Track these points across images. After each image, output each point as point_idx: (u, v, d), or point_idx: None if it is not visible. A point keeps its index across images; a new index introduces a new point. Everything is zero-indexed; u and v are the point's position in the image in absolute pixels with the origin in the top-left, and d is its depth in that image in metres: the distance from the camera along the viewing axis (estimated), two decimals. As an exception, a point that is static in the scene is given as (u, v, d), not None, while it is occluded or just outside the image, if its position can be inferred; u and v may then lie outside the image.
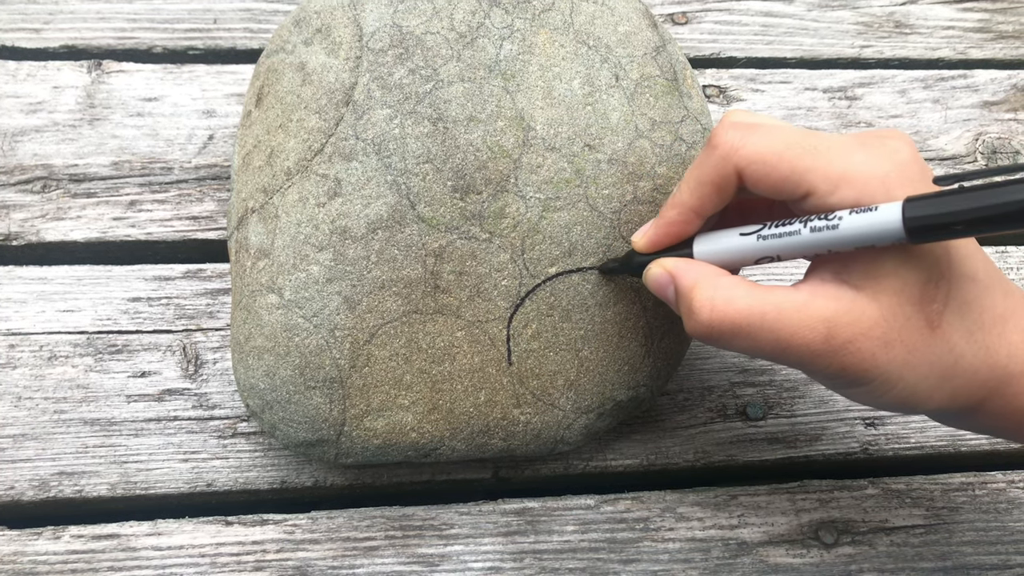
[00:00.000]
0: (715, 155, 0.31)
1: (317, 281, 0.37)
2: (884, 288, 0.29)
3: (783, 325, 0.29)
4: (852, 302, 0.29)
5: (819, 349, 0.29)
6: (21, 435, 0.43)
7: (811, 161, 0.29)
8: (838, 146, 0.30)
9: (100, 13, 0.53)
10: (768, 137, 0.31)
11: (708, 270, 0.32)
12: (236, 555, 0.41)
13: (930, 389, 0.30)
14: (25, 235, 0.47)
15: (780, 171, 0.30)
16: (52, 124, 0.49)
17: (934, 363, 0.30)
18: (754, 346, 0.30)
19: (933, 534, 0.45)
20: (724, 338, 0.31)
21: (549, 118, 0.39)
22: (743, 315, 0.30)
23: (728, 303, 0.30)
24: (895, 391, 0.30)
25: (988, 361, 0.30)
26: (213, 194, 0.48)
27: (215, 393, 0.44)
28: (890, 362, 0.29)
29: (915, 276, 0.29)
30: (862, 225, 0.28)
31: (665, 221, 0.34)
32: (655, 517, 0.44)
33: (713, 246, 0.33)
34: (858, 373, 0.29)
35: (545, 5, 0.41)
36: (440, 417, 0.39)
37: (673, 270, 0.33)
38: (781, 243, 0.31)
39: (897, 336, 0.29)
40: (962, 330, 0.30)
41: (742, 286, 0.31)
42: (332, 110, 0.39)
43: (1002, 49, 0.59)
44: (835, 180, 0.29)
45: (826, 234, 0.29)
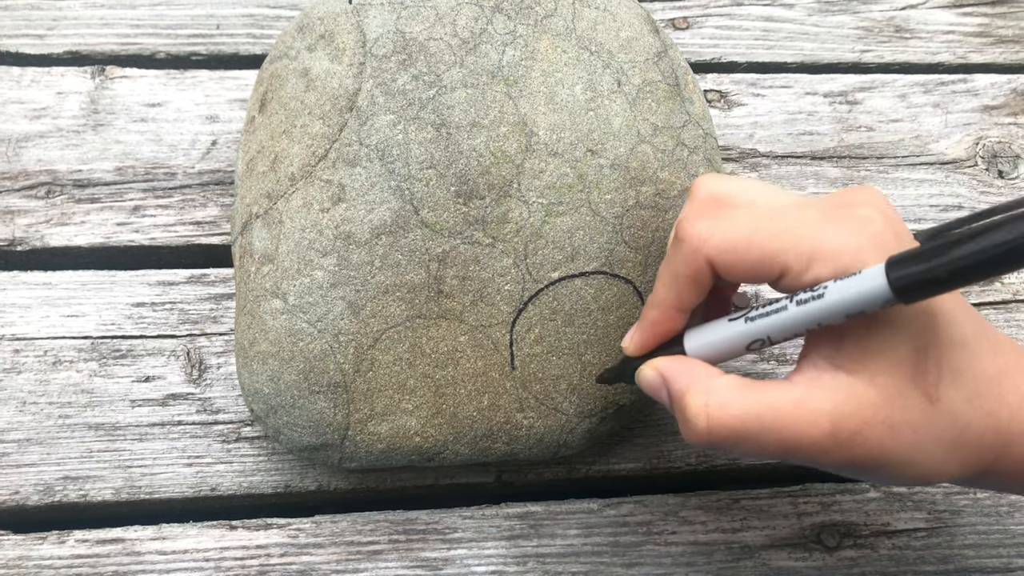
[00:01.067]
0: (684, 249, 0.31)
1: (321, 286, 0.38)
2: (878, 368, 0.28)
3: (783, 425, 0.28)
4: (850, 390, 0.28)
5: (825, 445, 0.28)
6: (26, 440, 0.43)
7: (780, 243, 0.29)
8: (808, 223, 0.29)
9: (103, 19, 0.53)
10: (734, 224, 0.30)
11: (699, 371, 0.31)
12: (240, 559, 0.42)
13: (941, 463, 0.29)
14: (29, 240, 0.47)
15: (751, 257, 0.29)
16: (56, 130, 0.49)
17: (940, 437, 0.29)
18: (759, 450, 0.29)
19: (935, 537, 0.45)
20: (726, 446, 0.30)
21: (551, 123, 0.39)
22: (739, 420, 0.29)
23: (723, 409, 0.29)
24: (908, 472, 0.29)
25: (992, 426, 0.30)
26: (216, 199, 0.49)
27: (219, 398, 0.45)
28: (898, 446, 0.28)
29: (905, 349, 0.28)
30: (848, 291, 0.27)
31: (649, 322, 0.34)
32: (658, 521, 0.44)
33: (703, 339, 0.32)
34: (869, 462, 0.29)
35: (547, 11, 0.41)
36: (443, 421, 0.39)
37: (664, 372, 0.32)
38: (770, 322, 0.30)
39: (901, 418, 0.28)
40: (961, 399, 0.29)
41: (734, 387, 0.30)
42: (336, 116, 0.39)
43: (1002, 53, 0.59)
44: (807, 258, 0.28)
45: (813, 305, 0.28)
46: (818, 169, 0.53)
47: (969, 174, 0.54)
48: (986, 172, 0.54)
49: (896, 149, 0.54)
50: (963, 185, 0.54)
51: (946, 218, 0.53)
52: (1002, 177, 0.54)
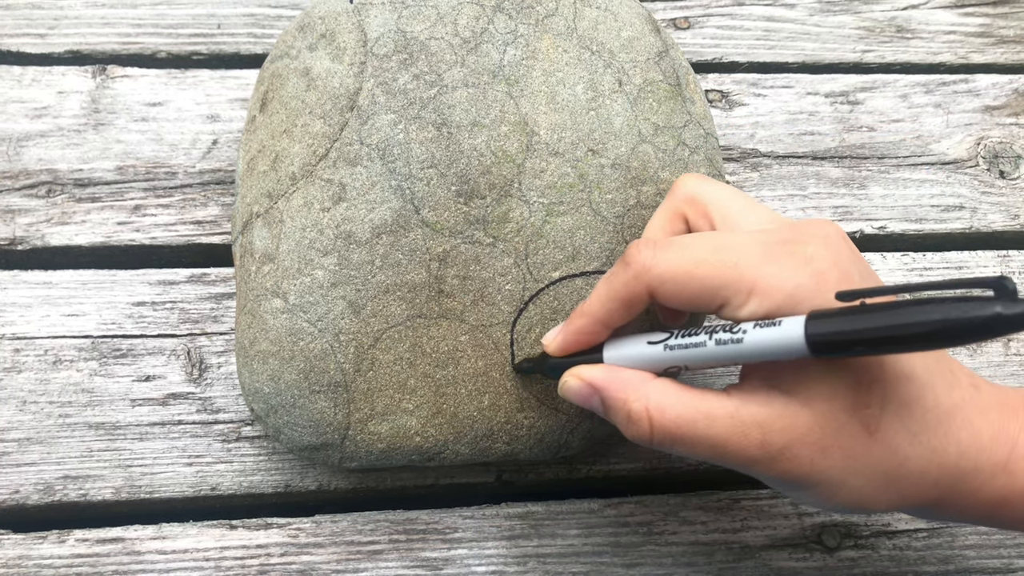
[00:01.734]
0: (628, 273, 0.31)
1: (322, 285, 0.38)
2: (815, 394, 0.29)
3: (716, 432, 0.29)
4: (784, 408, 0.29)
5: (756, 455, 0.29)
6: (26, 439, 0.43)
7: (721, 277, 0.29)
8: (751, 257, 0.29)
9: (104, 19, 0.53)
10: (680, 254, 0.31)
11: (633, 377, 0.32)
12: (240, 559, 0.42)
13: (876, 492, 0.30)
14: (30, 240, 0.47)
15: (691, 289, 0.30)
16: (57, 129, 0.49)
17: (876, 467, 0.29)
18: (693, 452, 0.30)
19: (936, 538, 0.45)
20: (664, 446, 0.31)
21: (552, 123, 0.39)
22: (675, 424, 0.30)
23: (661, 412, 0.30)
24: (840, 495, 0.30)
25: (936, 461, 0.29)
26: (217, 198, 0.49)
27: (219, 397, 0.45)
28: (829, 468, 0.29)
29: (844, 382, 0.29)
30: (765, 340, 0.28)
31: (573, 329, 0.34)
32: (658, 521, 0.44)
33: (622, 353, 0.33)
34: (798, 478, 0.29)
35: (548, 11, 0.41)
36: (444, 421, 0.39)
37: (595, 382, 0.33)
38: (687, 354, 0.31)
39: (833, 442, 0.28)
40: (903, 432, 0.29)
41: (672, 391, 0.30)
42: (337, 115, 0.39)
43: (1003, 53, 0.59)
44: (745, 294, 0.29)
45: (730, 348, 0.29)
46: (819, 169, 0.53)
47: (970, 174, 0.54)
48: (987, 172, 0.54)
49: (897, 149, 0.54)
50: (964, 185, 0.54)
51: (947, 218, 0.53)
52: (1003, 177, 0.54)
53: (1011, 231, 0.53)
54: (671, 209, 0.36)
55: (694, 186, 0.35)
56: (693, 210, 0.35)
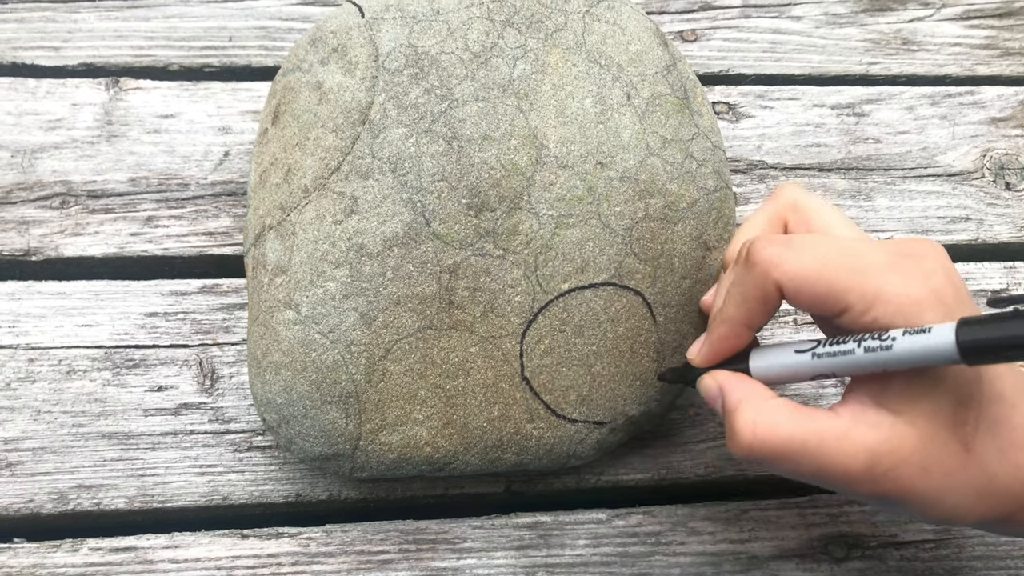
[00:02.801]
0: (756, 271, 0.32)
1: (334, 297, 0.38)
2: (920, 412, 0.30)
3: (824, 453, 0.30)
4: (891, 429, 0.30)
5: (860, 477, 0.30)
6: (40, 448, 0.43)
7: (847, 281, 0.30)
8: (875, 265, 0.30)
9: (118, 31, 0.53)
10: (805, 256, 0.31)
11: (755, 390, 0.33)
12: (251, 568, 0.42)
13: (968, 508, 0.31)
14: (44, 250, 0.47)
15: (818, 289, 0.31)
16: (71, 141, 0.50)
17: (969, 484, 0.30)
18: (795, 471, 0.31)
19: (943, 549, 0.45)
20: (765, 462, 0.31)
21: (562, 136, 0.40)
22: (784, 442, 0.30)
23: (770, 428, 0.31)
24: (934, 512, 0.31)
25: (1019, 477, 0.31)
26: (229, 210, 0.49)
27: (231, 407, 0.45)
28: (929, 487, 0.30)
29: (948, 399, 0.30)
30: (916, 346, 0.28)
31: (717, 336, 0.35)
32: (666, 531, 0.44)
33: (769, 362, 0.34)
34: (898, 498, 0.30)
35: (557, 25, 0.42)
36: (454, 432, 0.39)
37: (723, 384, 0.34)
38: (835, 362, 0.31)
39: (935, 461, 0.30)
40: (994, 450, 0.30)
41: (785, 410, 0.31)
42: (349, 129, 0.39)
43: (1009, 66, 0.59)
44: (870, 300, 0.30)
45: (880, 355, 0.29)
46: (826, 181, 0.53)
47: (976, 186, 0.54)
48: (993, 184, 0.54)
49: (903, 161, 0.55)
50: (970, 197, 0.54)
51: (953, 229, 0.53)
52: (1009, 189, 0.54)
53: (1017, 242, 0.53)
54: (773, 212, 0.37)
55: (797, 194, 0.36)
56: (795, 216, 0.36)
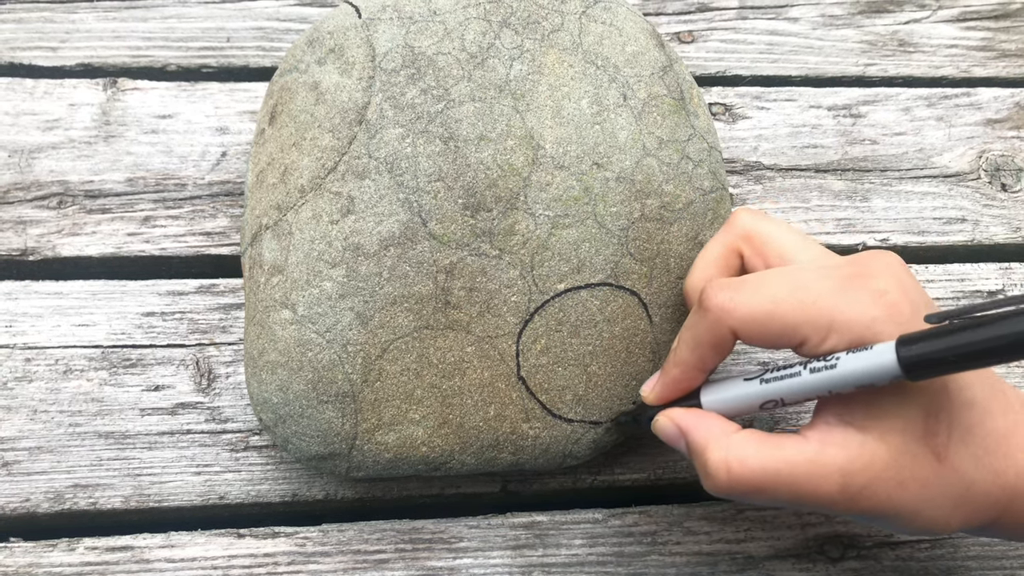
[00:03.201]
0: (708, 318, 0.32)
1: (330, 297, 0.38)
2: (888, 427, 0.30)
3: (798, 481, 0.30)
4: (861, 447, 0.30)
5: (836, 498, 0.30)
6: (37, 448, 0.43)
7: (799, 315, 0.30)
8: (825, 294, 0.30)
9: (115, 32, 0.53)
10: (757, 297, 0.31)
11: (717, 427, 0.33)
12: (248, 568, 0.42)
13: (947, 516, 0.31)
14: (41, 250, 0.47)
15: (771, 329, 0.31)
16: (68, 141, 0.50)
17: (946, 493, 0.30)
18: (773, 500, 0.31)
19: (939, 549, 0.45)
20: (742, 497, 0.32)
21: (558, 137, 0.40)
22: (758, 476, 0.31)
23: (742, 464, 0.31)
24: (914, 524, 0.31)
25: (998, 483, 0.31)
26: (226, 210, 0.49)
27: (227, 407, 0.45)
28: (906, 500, 0.30)
29: (916, 412, 0.30)
30: (859, 365, 0.29)
31: (670, 378, 0.35)
32: (662, 531, 0.44)
33: (720, 395, 0.34)
34: (877, 514, 0.30)
35: (554, 26, 0.42)
36: (450, 431, 0.39)
37: (682, 424, 0.34)
38: (783, 386, 0.32)
39: (909, 475, 0.30)
40: (968, 457, 0.31)
41: (753, 442, 0.31)
42: (345, 129, 0.39)
43: (1005, 67, 0.59)
44: (824, 330, 0.30)
45: (825, 375, 0.30)
46: (822, 182, 0.53)
47: (972, 187, 0.54)
48: (989, 185, 0.55)
49: (900, 162, 0.55)
50: (966, 198, 0.54)
51: (949, 231, 0.53)
52: (1005, 190, 0.55)
53: (1013, 244, 0.53)
54: (726, 244, 0.37)
55: (750, 223, 0.36)
56: (749, 247, 0.36)
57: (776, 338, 0.31)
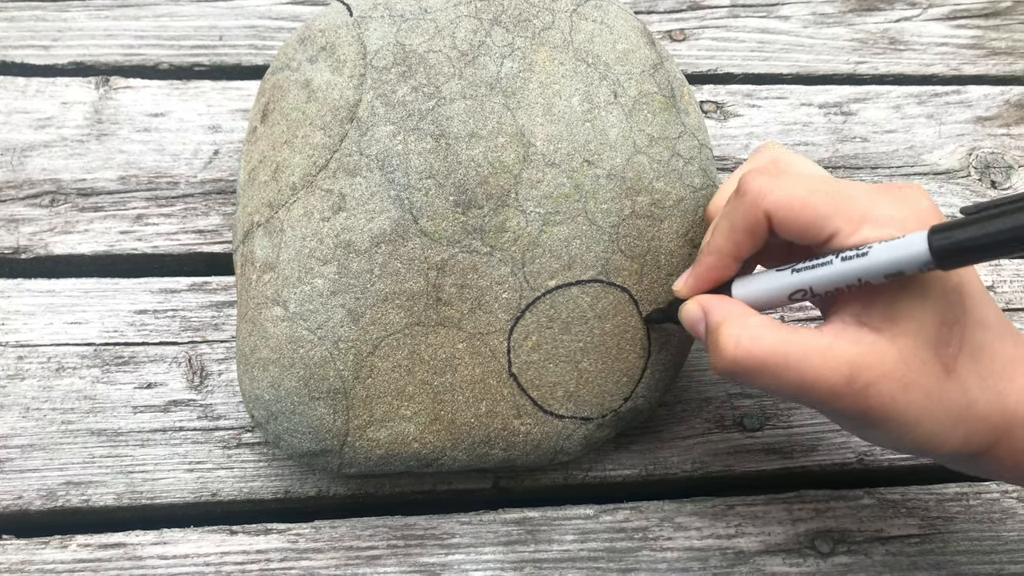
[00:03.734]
0: (745, 201, 0.33)
1: (321, 294, 0.38)
2: (902, 330, 0.30)
3: (807, 366, 0.30)
4: (873, 344, 0.30)
5: (841, 391, 0.30)
6: (29, 445, 0.43)
7: (834, 206, 0.31)
8: (859, 192, 0.31)
9: (108, 30, 0.54)
10: (794, 184, 0.32)
11: (738, 308, 0.33)
12: (240, 564, 0.42)
13: (945, 433, 0.31)
14: (34, 248, 0.47)
15: (806, 215, 0.31)
16: (60, 139, 0.50)
17: (949, 408, 0.31)
18: (777, 384, 0.31)
19: (928, 543, 0.45)
20: (749, 375, 0.32)
21: (549, 134, 0.40)
22: (768, 353, 0.31)
23: (754, 340, 0.31)
24: (912, 435, 0.31)
25: (999, 406, 0.31)
26: (218, 208, 0.49)
27: (220, 404, 0.45)
28: (909, 405, 0.30)
29: (931, 318, 0.30)
30: (891, 253, 0.29)
31: (704, 267, 0.36)
32: (653, 527, 0.45)
33: (750, 286, 0.35)
34: (878, 415, 0.30)
35: (545, 24, 0.42)
36: (442, 428, 0.40)
37: (706, 305, 0.34)
38: (814, 275, 0.32)
39: (915, 379, 0.30)
40: (975, 374, 0.31)
41: (769, 326, 0.32)
42: (337, 127, 0.40)
43: (995, 65, 0.60)
44: (857, 222, 0.30)
45: (856, 262, 0.30)
46: (813, 179, 0.54)
47: (962, 184, 0.55)
48: (979, 182, 0.55)
49: (890, 159, 0.55)
50: (956, 195, 0.54)
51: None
52: (995, 187, 0.55)
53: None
54: (754, 167, 0.37)
55: (778, 151, 0.37)
56: (776, 170, 0.36)
57: (808, 226, 0.31)
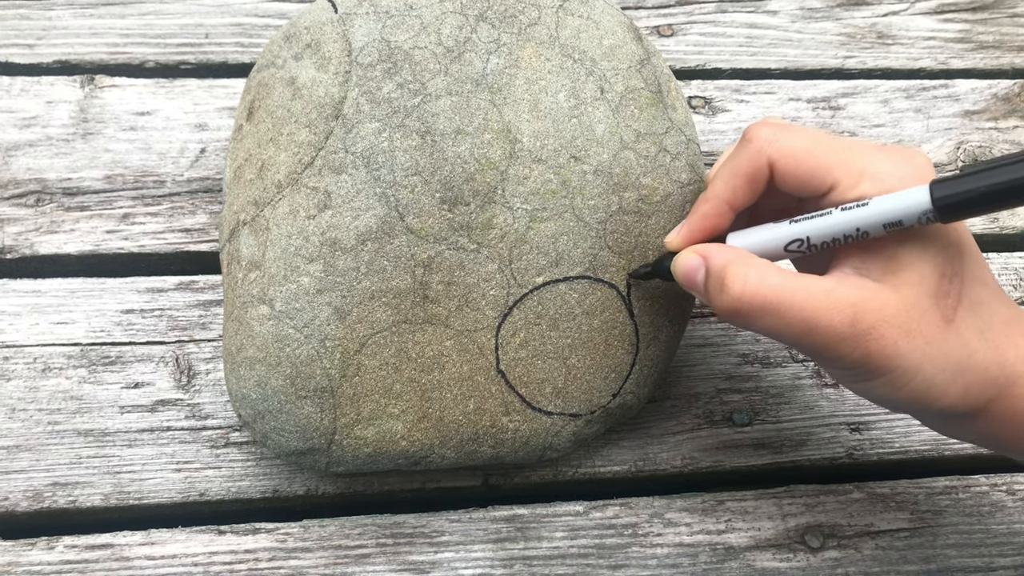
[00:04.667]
0: (750, 148, 0.33)
1: (308, 292, 0.38)
2: (903, 280, 0.31)
3: (812, 306, 0.31)
4: (876, 292, 0.31)
5: (845, 332, 0.30)
6: (15, 446, 0.43)
7: (836, 158, 0.32)
8: (860, 148, 0.32)
9: (93, 29, 0.53)
10: (798, 135, 0.33)
11: (741, 251, 0.34)
12: (229, 564, 0.42)
13: (945, 383, 0.31)
14: (19, 248, 0.47)
15: (807, 165, 0.32)
16: (46, 139, 0.50)
17: (949, 356, 0.31)
18: (781, 324, 0.31)
19: (918, 537, 0.45)
20: (753, 314, 0.32)
21: (535, 130, 0.40)
22: (775, 292, 0.31)
23: (762, 279, 0.31)
24: (913, 383, 0.31)
25: (998, 359, 0.32)
26: (205, 207, 0.49)
27: (207, 403, 0.45)
28: (911, 351, 0.30)
29: (931, 270, 0.31)
30: (892, 202, 0.30)
31: (699, 215, 0.36)
32: (643, 523, 0.45)
33: (747, 237, 0.35)
34: (880, 360, 0.31)
35: (531, 19, 0.42)
36: (430, 425, 0.39)
37: (705, 251, 0.34)
38: (813, 224, 0.32)
39: (917, 326, 0.30)
40: (974, 328, 0.32)
41: (773, 268, 0.32)
42: (322, 124, 0.39)
43: (982, 59, 0.60)
44: (857, 176, 0.31)
45: (856, 212, 0.31)
46: (801, 174, 0.54)
47: (950, 178, 0.55)
48: (967, 176, 0.55)
49: (878, 154, 0.55)
50: (944, 189, 0.54)
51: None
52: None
53: (990, 234, 0.54)
54: None
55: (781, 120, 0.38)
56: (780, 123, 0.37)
57: (809, 177, 0.32)
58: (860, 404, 0.48)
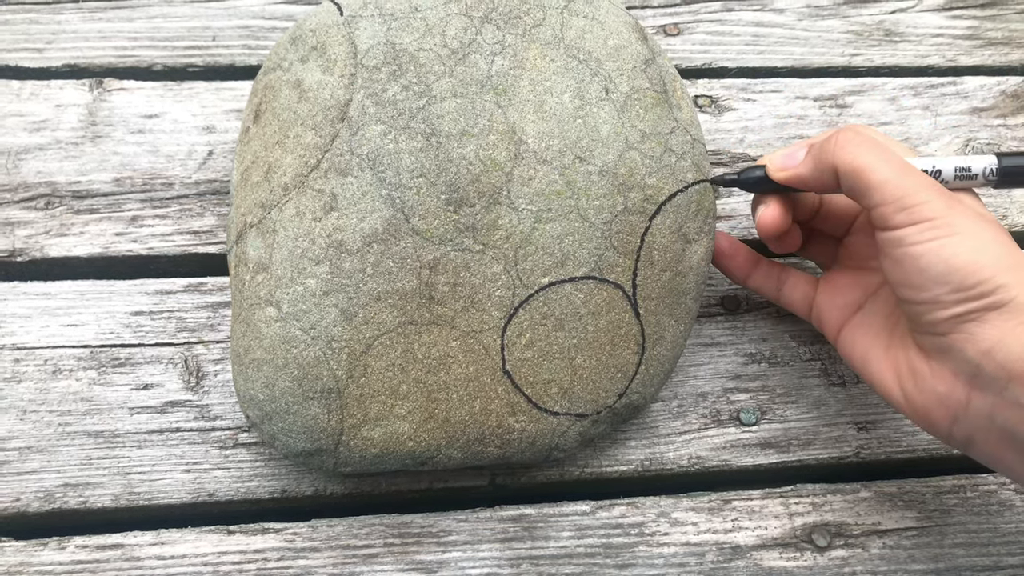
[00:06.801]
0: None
1: (314, 294, 0.38)
2: None
3: (890, 174, 0.36)
4: None
5: (930, 192, 0.36)
6: (26, 448, 0.44)
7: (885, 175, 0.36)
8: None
9: (101, 32, 0.54)
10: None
11: None
12: (238, 564, 0.42)
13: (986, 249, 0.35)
14: (29, 251, 0.48)
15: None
16: (55, 142, 0.50)
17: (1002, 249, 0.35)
18: (873, 170, 0.36)
19: (925, 536, 0.45)
20: (860, 156, 0.36)
21: (540, 131, 0.40)
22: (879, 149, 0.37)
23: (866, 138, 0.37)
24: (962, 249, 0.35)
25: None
26: (213, 209, 0.49)
27: (216, 404, 0.45)
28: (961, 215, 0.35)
29: None
30: (967, 160, 0.38)
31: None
32: (650, 522, 0.45)
33: None
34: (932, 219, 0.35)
35: (536, 20, 0.42)
36: (436, 426, 0.40)
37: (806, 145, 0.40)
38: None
39: None
40: None
41: None
42: (328, 126, 0.40)
43: (991, 56, 0.59)
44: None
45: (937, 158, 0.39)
46: (808, 173, 0.53)
47: (958, 176, 0.54)
48: (975, 174, 0.55)
49: (886, 152, 0.55)
50: (952, 187, 0.54)
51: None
52: (991, 178, 0.55)
53: (999, 232, 0.53)
54: None
55: None
56: None
57: None
58: (867, 403, 0.48)
